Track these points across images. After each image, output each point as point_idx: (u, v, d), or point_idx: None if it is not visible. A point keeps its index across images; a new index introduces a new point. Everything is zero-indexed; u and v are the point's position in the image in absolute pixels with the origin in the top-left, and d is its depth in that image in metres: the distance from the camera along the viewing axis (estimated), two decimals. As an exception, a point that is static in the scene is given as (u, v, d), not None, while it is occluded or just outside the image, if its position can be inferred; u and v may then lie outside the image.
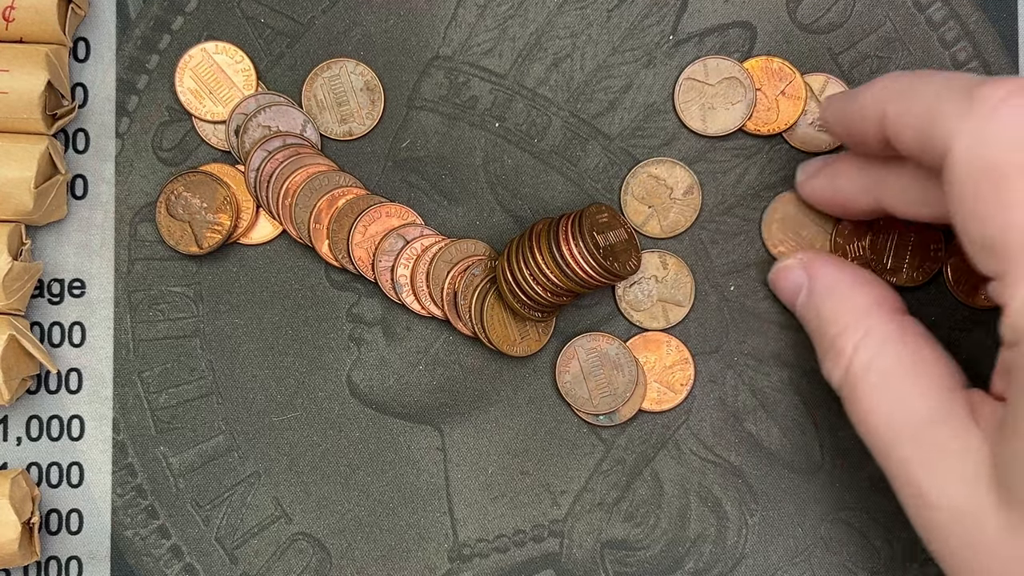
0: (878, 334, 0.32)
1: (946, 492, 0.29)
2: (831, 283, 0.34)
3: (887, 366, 0.31)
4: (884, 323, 0.32)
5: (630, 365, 0.36)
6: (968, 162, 0.28)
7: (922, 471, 0.30)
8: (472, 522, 0.37)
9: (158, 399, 0.37)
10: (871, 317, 0.32)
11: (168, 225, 0.37)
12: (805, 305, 0.35)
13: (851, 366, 0.32)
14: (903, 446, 0.30)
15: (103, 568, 0.37)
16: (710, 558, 0.37)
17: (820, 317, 0.34)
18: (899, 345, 0.32)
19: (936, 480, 0.30)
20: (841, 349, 0.32)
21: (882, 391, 0.31)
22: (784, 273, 0.36)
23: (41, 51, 0.35)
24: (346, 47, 0.37)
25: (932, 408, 0.30)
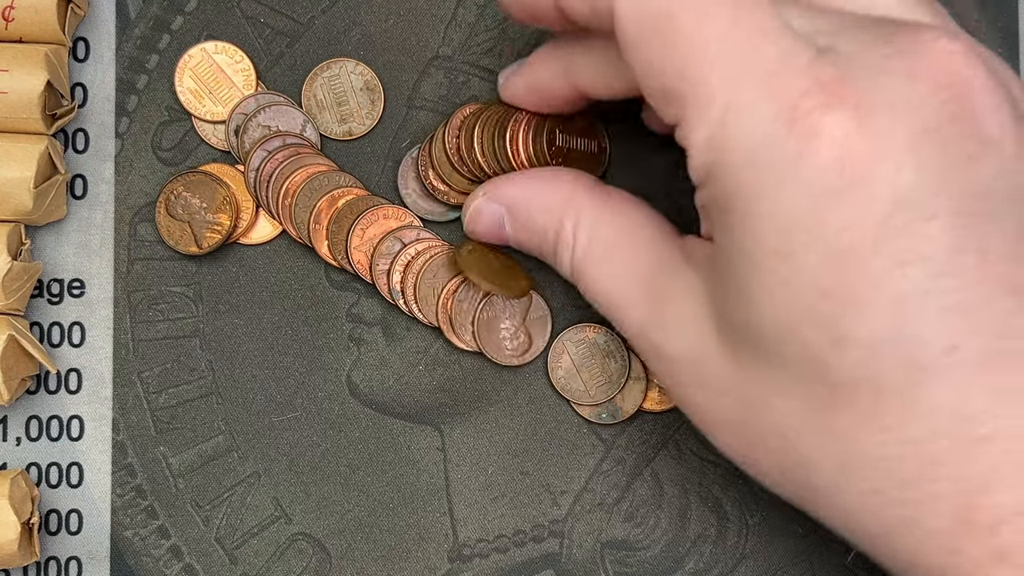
0: (588, 212, 0.33)
1: (675, 340, 0.30)
2: (527, 195, 0.34)
3: (604, 236, 0.32)
4: (589, 200, 0.33)
5: (621, 351, 0.36)
6: (632, 14, 0.28)
7: (651, 325, 0.31)
8: (472, 522, 0.37)
9: (158, 399, 0.37)
10: (576, 201, 0.33)
11: (168, 225, 0.37)
12: (515, 230, 0.35)
13: (575, 249, 0.33)
14: (633, 306, 0.31)
15: (103, 568, 0.36)
16: (710, 558, 0.37)
17: (534, 229, 0.34)
18: (609, 214, 0.33)
19: (665, 330, 0.31)
20: (565, 239, 0.33)
21: (605, 260, 0.32)
22: (478, 216, 0.35)
23: (41, 51, 0.35)
24: (346, 47, 0.37)
25: (651, 261, 0.31)
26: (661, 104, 0.29)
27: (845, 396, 0.27)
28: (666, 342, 0.31)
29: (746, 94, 0.27)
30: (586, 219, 0.33)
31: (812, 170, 0.26)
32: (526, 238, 0.34)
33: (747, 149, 0.27)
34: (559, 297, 0.37)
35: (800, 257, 0.26)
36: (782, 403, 0.28)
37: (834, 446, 0.27)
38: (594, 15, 0.29)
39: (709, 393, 0.30)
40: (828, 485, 0.28)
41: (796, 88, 0.26)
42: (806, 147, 0.26)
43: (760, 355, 0.28)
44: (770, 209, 0.26)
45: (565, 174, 0.34)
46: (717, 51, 0.27)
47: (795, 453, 0.28)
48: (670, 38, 0.27)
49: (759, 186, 0.27)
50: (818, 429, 0.27)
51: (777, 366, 0.28)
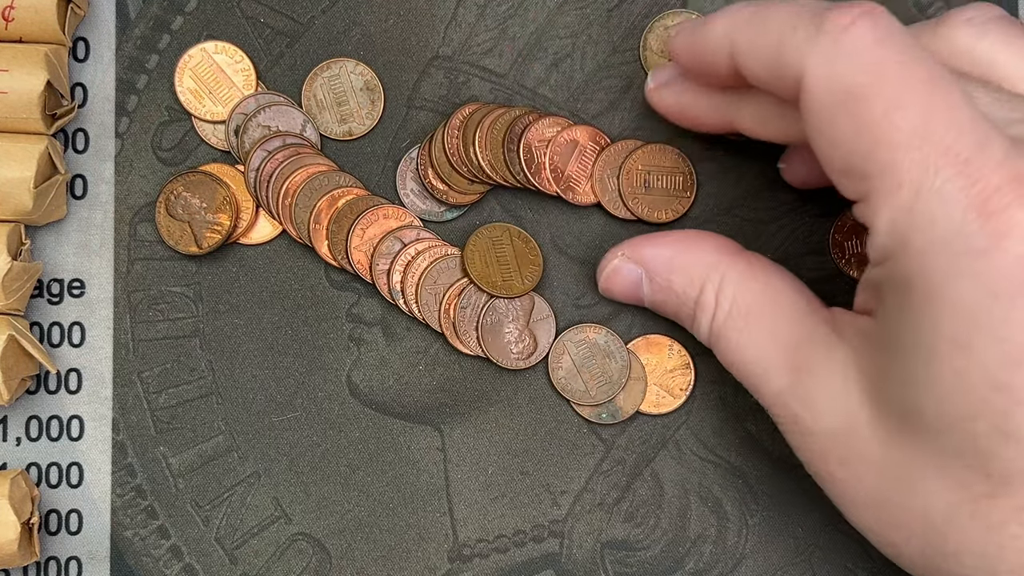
0: (732, 277, 0.32)
1: (820, 414, 0.30)
2: (668, 257, 0.34)
3: (747, 303, 0.32)
4: (733, 265, 0.33)
5: (621, 352, 0.37)
6: (822, 87, 0.28)
7: (794, 396, 0.30)
8: (472, 522, 0.37)
9: (158, 399, 0.37)
10: (720, 265, 0.33)
11: (168, 225, 0.37)
12: (653, 291, 0.34)
13: (716, 314, 0.32)
14: (774, 378, 0.31)
15: (103, 568, 0.36)
16: (710, 558, 0.37)
17: (675, 291, 0.34)
18: (752, 281, 0.32)
19: (809, 404, 0.30)
20: (705, 304, 0.33)
21: (746, 328, 0.32)
22: (616, 276, 0.35)
23: (41, 51, 0.35)
24: (346, 47, 0.37)
25: (795, 332, 0.31)
26: (841, 177, 0.28)
27: (1002, 488, 0.27)
28: (810, 415, 0.30)
29: (938, 183, 0.27)
30: (729, 284, 0.32)
31: (1001, 267, 0.26)
32: (664, 300, 0.34)
33: (935, 237, 0.27)
34: (559, 298, 0.37)
35: (978, 350, 0.26)
36: (933, 486, 0.28)
37: (982, 536, 0.27)
38: (775, 80, 0.29)
39: (852, 469, 0.30)
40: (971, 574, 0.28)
41: (991, 181, 0.26)
42: (997, 243, 0.26)
43: (919, 438, 0.28)
44: (953, 299, 0.26)
45: (709, 239, 0.34)
46: (910, 139, 0.27)
47: (940, 539, 0.28)
48: (861, 119, 0.27)
49: (944, 275, 0.27)
50: (970, 517, 0.27)
51: (935, 450, 0.28)
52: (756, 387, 0.32)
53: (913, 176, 0.27)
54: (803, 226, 0.37)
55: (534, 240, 0.37)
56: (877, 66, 0.27)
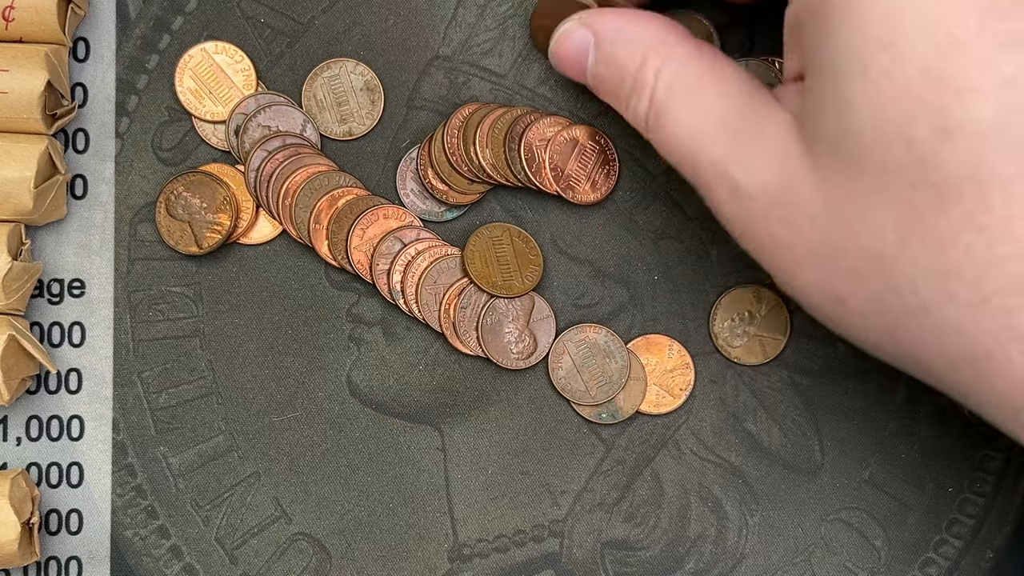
0: (677, 55, 0.32)
1: (759, 175, 0.29)
2: (617, 27, 0.33)
3: (689, 80, 0.31)
4: (680, 45, 0.32)
5: (621, 352, 0.37)
6: None
7: (734, 163, 0.30)
8: (472, 522, 0.37)
9: (158, 399, 0.37)
10: (666, 44, 0.32)
11: (168, 225, 0.37)
12: (596, 62, 0.33)
13: (655, 91, 0.32)
14: (712, 146, 0.30)
15: (103, 568, 0.36)
16: (710, 558, 0.37)
17: (616, 62, 0.33)
18: (699, 61, 0.32)
19: (749, 167, 0.30)
20: (644, 79, 0.32)
21: (687, 103, 0.31)
22: (565, 39, 0.34)
23: (41, 51, 0.35)
24: (346, 47, 0.37)
25: (738, 105, 0.30)
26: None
27: (950, 195, 0.25)
28: (748, 178, 0.30)
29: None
30: (673, 62, 0.32)
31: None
32: (605, 72, 0.33)
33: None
34: (559, 297, 0.37)
35: (905, 44, 0.25)
36: (879, 217, 0.27)
37: (935, 256, 0.26)
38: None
39: (794, 225, 0.29)
40: (926, 305, 0.26)
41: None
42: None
43: (857, 166, 0.27)
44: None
45: (660, 18, 0.33)
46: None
47: (891, 274, 0.27)
48: None
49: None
50: (919, 240, 0.26)
51: (876, 176, 0.26)
52: (694, 160, 0.31)
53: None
54: (803, 226, 0.37)
55: (534, 240, 0.37)
56: None
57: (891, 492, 0.37)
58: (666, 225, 0.37)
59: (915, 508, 0.37)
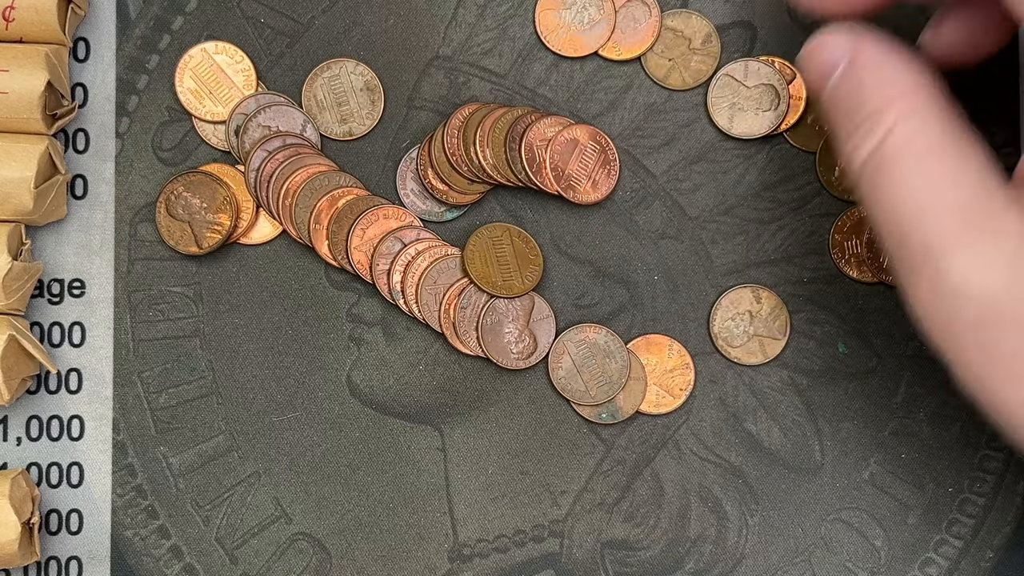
0: (927, 110, 0.29)
1: (982, 276, 0.27)
2: (882, 56, 0.30)
3: (931, 142, 0.29)
4: (935, 101, 0.29)
5: (621, 352, 0.37)
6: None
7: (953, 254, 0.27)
8: (472, 522, 0.37)
9: (158, 399, 0.37)
10: (920, 95, 0.29)
11: (168, 225, 0.37)
12: (842, 78, 0.30)
13: (887, 140, 0.29)
14: (933, 227, 0.28)
15: (103, 568, 0.37)
16: (710, 558, 0.37)
17: (861, 89, 0.30)
18: (947, 125, 0.29)
19: (971, 263, 0.27)
20: (879, 121, 0.29)
21: (919, 166, 0.28)
22: (822, 47, 0.31)
23: (41, 51, 0.35)
24: (346, 47, 0.37)
25: (974, 190, 0.28)
26: None
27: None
28: (966, 274, 0.27)
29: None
30: (921, 113, 0.29)
31: None
32: (846, 94, 0.30)
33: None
34: (559, 297, 0.37)
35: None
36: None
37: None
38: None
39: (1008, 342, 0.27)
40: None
41: None
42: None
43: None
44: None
45: (927, 71, 0.30)
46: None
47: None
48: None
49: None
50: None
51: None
52: (905, 233, 0.28)
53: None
54: (803, 226, 0.37)
55: (534, 240, 0.37)
56: None
57: (891, 492, 0.37)
58: (666, 225, 0.37)
59: (915, 508, 0.37)
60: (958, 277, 0.27)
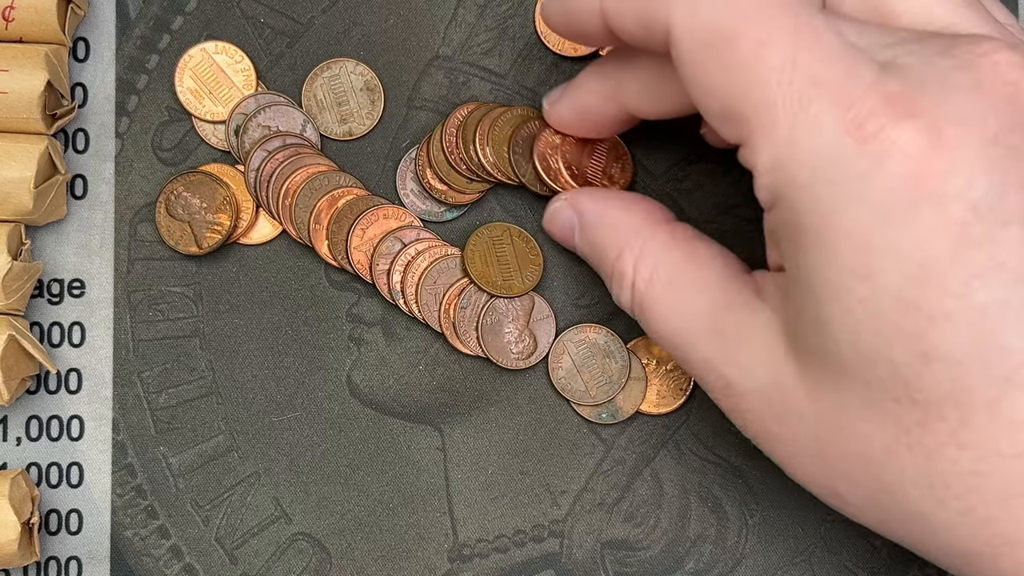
0: (653, 246, 0.32)
1: (749, 375, 0.30)
2: (598, 212, 0.34)
3: (668, 273, 0.32)
4: (656, 235, 0.32)
5: (621, 352, 0.37)
6: (690, 33, 0.28)
7: (723, 363, 0.30)
8: (472, 522, 0.37)
9: (158, 399, 0.37)
10: (643, 233, 0.32)
11: (168, 225, 0.37)
12: (581, 242, 0.34)
13: (635, 284, 0.32)
14: (700, 345, 0.31)
15: (103, 568, 0.36)
16: (710, 558, 0.37)
17: (596, 248, 0.34)
18: (674, 251, 0.32)
19: (738, 367, 0.30)
20: (622, 271, 0.33)
21: (668, 298, 0.32)
22: (555, 217, 0.35)
23: (41, 51, 0.35)
24: (346, 47, 0.37)
25: (718, 300, 0.31)
26: (721, 124, 0.28)
27: (933, 413, 0.26)
28: (738, 377, 0.30)
29: (813, 113, 0.26)
30: (651, 253, 0.32)
31: (886, 186, 0.26)
32: (588, 254, 0.34)
33: (816, 168, 0.27)
34: (560, 297, 0.37)
35: (879, 275, 0.26)
36: (866, 427, 0.27)
37: (923, 467, 0.27)
38: (647, 35, 0.29)
39: (787, 425, 0.29)
40: (917, 510, 0.27)
41: (864, 104, 0.26)
42: (878, 163, 0.26)
43: (842, 380, 0.27)
44: (845, 228, 0.26)
45: (641, 203, 0.34)
46: (780, 75, 0.27)
47: (881, 478, 0.28)
48: (730, 61, 0.27)
49: (831, 205, 0.26)
50: (905, 450, 0.27)
51: (860, 389, 0.27)
52: (683, 357, 0.31)
53: (787, 110, 0.27)
54: (803, 226, 0.37)
55: (534, 240, 0.37)
56: (739, 6, 0.27)
57: (891, 492, 0.37)
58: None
59: (915, 508, 0.37)
60: (732, 378, 0.30)
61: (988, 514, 0.26)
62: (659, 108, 0.33)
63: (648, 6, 0.29)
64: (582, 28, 0.31)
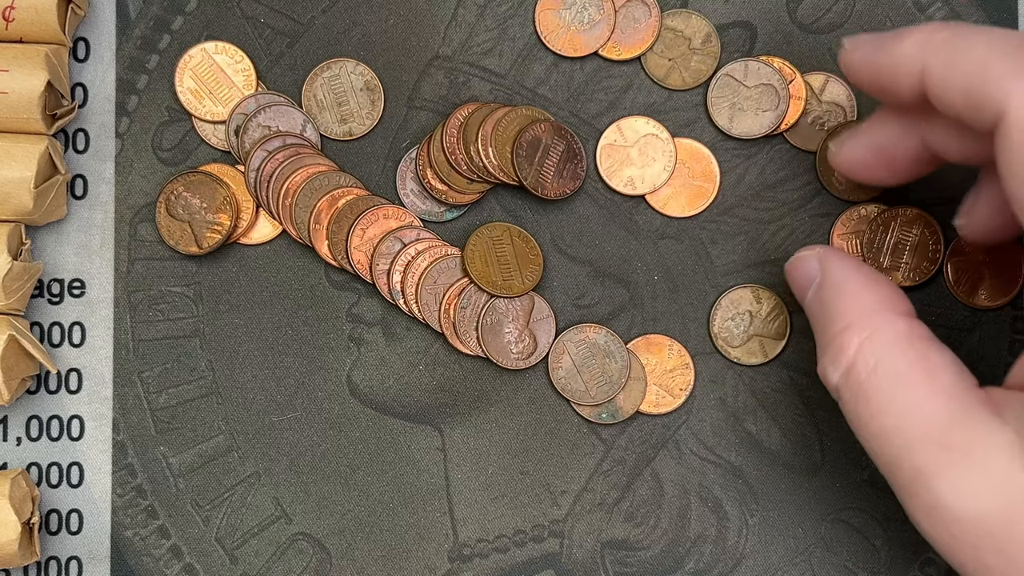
0: (885, 334, 0.30)
1: (973, 500, 0.27)
2: (843, 278, 0.32)
3: (895, 368, 0.30)
4: (891, 323, 0.30)
5: (621, 352, 0.37)
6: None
7: (940, 478, 0.28)
8: (472, 522, 0.37)
9: (158, 399, 0.37)
10: (878, 317, 0.30)
11: (168, 225, 0.37)
12: (814, 298, 0.33)
13: (854, 366, 0.30)
14: (918, 453, 0.28)
15: (103, 568, 0.36)
16: (710, 558, 0.37)
17: (826, 312, 0.32)
18: (907, 346, 0.30)
19: (959, 488, 0.28)
20: (843, 346, 0.30)
21: (891, 394, 0.29)
22: (799, 264, 0.34)
23: (41, 51, 0.35)
24: (346, 47, 0.37)
25: (950, 411, 0.28)
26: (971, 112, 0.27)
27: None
28: (957, 498, 0.27)
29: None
30: (880, 340, 0.30)
31: None
32: (818, 314, 0.32)
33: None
34: (560, 297, 0.37)
35: None
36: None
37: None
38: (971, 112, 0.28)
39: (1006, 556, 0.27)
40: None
41: None
42: None
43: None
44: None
45: (887, 289, 0.32)
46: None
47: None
48: None
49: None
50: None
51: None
52: (891, 459, 0.29)
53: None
54: (803, 226, 0.37)
55: (534, 240, 0.37)
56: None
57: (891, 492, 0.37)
58: (666, 225, 0.37)
59: (915, 508, 0.37)
60: (949, 500, 0.28)
61: None
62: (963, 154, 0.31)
63: (984, 83, 0.27)
64: (891, 85, 0.30)
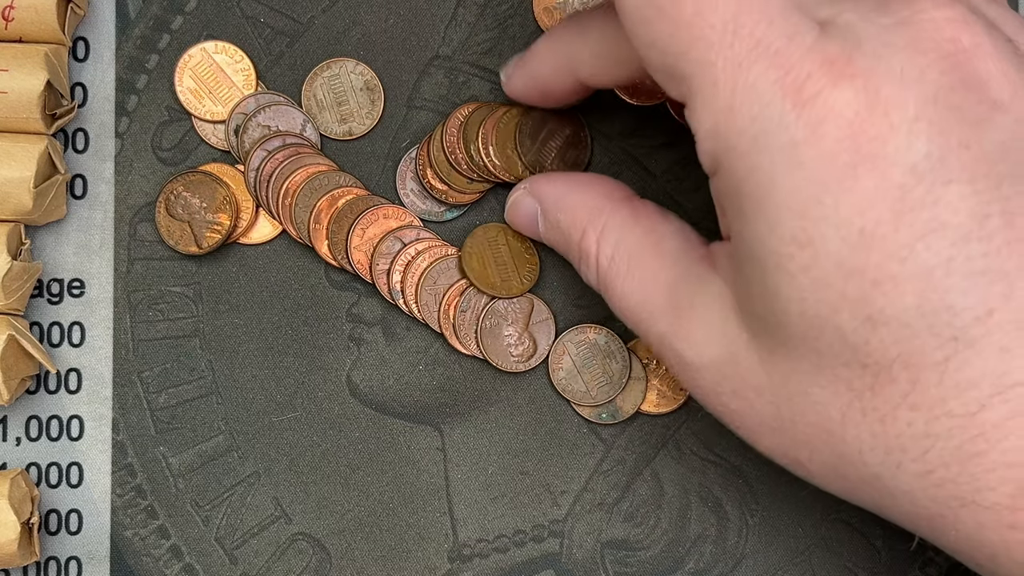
0: (614, 224, 0.32)
1: (704, 350, 0.30)
2: (558, 195, 0.34)
3: (628, 250, 0.32)
4: (617, 212, 0.32)
5: (621, 352, 0.37)
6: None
7: (677, 336, 0.30)
8: (472, 522, 0.37)
9: (158, 399, 0.37)
10: (603, 212, 0.33)
11: (168, 225, 0.37)
12: (545, 229, 0.35)
13: (599, 262, 0.32)
14: (658, 320, 0.31)
15: (103, 568, 0.36)
16: (711, 558, 0.37)
17: (561, 231, 0.34)
18: (635, 227, 0.32)
19: (692, 341, 0.30)
20: (587, 251, 0.33)
21: (628, 274, 0.32)
22: (516, 208, 0.35)
23: (40, 51, 0.35)
24: (346, 47, 0.37)
25: (675, 274, 0.31)
26: (667, 82, 0.28)
27: (883, 376, 0.26)
28: (693, 351, 0.30)
29: (752, 76, 0.26)
30: (612, 231, 0.32)
31: (823, 153, 0.26)
32: (554, 239, 0.35)
33: (756, 134, 0.26)
34: (559, 298, 0.37)
35: (820, 242, 0.26)
36: (820, 394, 0.27)
37: (878, 431, 0.27)
38: None
39: (744, 398, 0.29)
40: (878, 474, 0.27)
41: (803, 69, 0.26)
42: (815, 130, 0.26)
43: (792, 348, 0.27)
44: (784, 195, 0.26)
45: (600, 183, 0.34)
46: (722, 36, 0.26)
47: (840, 446, 0.28)
48: (674, 18, 0.27)
49: (771, 172, 0.26)
50: (859, 415, 0.27)
51: (811, 357, 0.27)
52: (644, 333, 0.32)
53: (727, 73, 0.26)
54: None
55: (529, 239, 0.37)
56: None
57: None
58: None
59: (915, 508, 0.37)
60: (687, 355, 0.30)
61: (945, 476, 0.26)
62: (611, 76, 0.33)
63: None
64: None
